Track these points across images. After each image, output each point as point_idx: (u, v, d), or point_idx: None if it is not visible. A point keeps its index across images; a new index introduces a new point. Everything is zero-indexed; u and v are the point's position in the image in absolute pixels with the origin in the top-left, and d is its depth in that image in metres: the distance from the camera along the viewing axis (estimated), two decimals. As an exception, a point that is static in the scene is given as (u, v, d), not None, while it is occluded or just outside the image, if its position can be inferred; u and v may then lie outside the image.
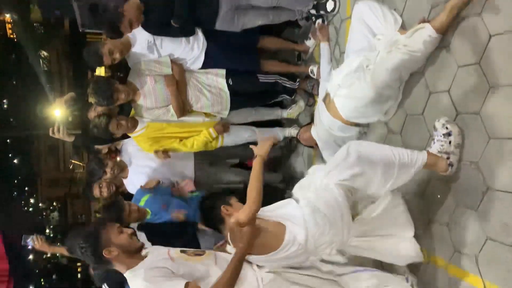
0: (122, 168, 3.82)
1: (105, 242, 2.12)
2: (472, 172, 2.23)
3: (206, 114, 3.81)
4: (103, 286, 3.16)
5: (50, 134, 3.66)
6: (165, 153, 3.79)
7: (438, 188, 2.45)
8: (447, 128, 2.28)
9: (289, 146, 4.40)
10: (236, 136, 3.96)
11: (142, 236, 3.23)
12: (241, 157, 4.40)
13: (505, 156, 2.05)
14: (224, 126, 3.82)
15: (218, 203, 2.36)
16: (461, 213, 2.31)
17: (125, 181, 3.91)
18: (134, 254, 2.17)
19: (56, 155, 29.08)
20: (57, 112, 3.86)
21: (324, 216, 2.24)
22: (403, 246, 2.42)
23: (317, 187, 2.36)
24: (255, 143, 3.89)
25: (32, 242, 3.75)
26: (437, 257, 2.49)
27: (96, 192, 3.73)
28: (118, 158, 3.94)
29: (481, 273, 2.18)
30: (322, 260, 2.36)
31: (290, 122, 4.33)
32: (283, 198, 4.16)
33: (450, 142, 2.28)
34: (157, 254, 2.19)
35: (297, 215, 2.28)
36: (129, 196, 3.86)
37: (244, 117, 4.06)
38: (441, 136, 2.30)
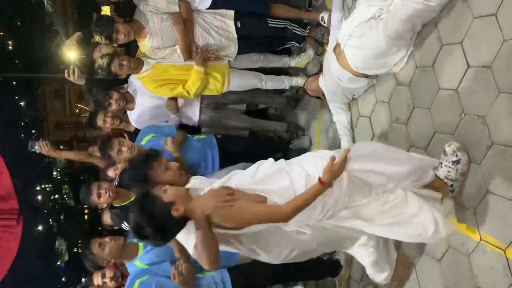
0: (128, 100, 3.79)
1: (154, 179, 2.18)
2: (478, 127, 2.22)
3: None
4: (122, 225, 3.26)
5: (66, 76, 3.65)
6: (176, 103, 3.79)
7: (443, 140, 2.45)
8: (457, 155, 2.27)
9: (295, 96, 4.38)
10: (243, 81, 3.94)
11: None
12: (247, 103, 4.39)
13: (513, 111, 2.04)
14: (200, 57, 3.55)
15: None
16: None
17: (130, 113, 3.91)
18: (183, 193, 2.12)
19: (62, 98, 29.13)
20: (71, 54, 3.83)
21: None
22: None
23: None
24: (260, 90, 3.85)
25: (39, 147, 3.80)
26: (437, 208, 2.54)
27: (100, 121, 3.74)
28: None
29: (478, 225, 2.24)
30: None
31: (297, 71, 4.28)
32: (286, 148, 4.25)
33: (457, 170, 2.28)
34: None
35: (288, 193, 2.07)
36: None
37: (251, 62, 4.02)
38: (449, 162, 2.29)
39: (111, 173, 3.65)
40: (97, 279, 3.18)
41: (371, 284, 3.04)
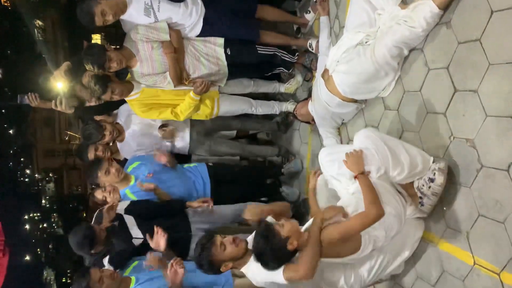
0: (120, 132, 3.81)
1: (218, 262, 2.38)
2: (467, 150, 2.24)
3: None
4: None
5: (53, 107, 3.65)
6: (171, 132, 3.83)
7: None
8: (434, 174, 2.34)
9: (285, 121, 4.39)
10: (233, 107, 3.95)
11: (130, 220, 3.22)
12: (237, 129, 4.40)
13: (500, 134, 2.05)
14: (202, 88, 3.56)
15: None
16: (455, 190, 2.33)
17: (119, 144, 3.90)
18: (243, 255, 2.41)
19: (52, 126, 28.98)
20: (59, 84, 3.82)
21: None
22: None
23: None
24: (250, 115, 3.92)
25: (28, 100, 3.66)
26: (430, 233, 2.53)
27: (91, 155, 3.74)
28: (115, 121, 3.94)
29: (471, 249, 2.23)
30: None
31: (287, 97, 4.31)
32: (278, 173, 4.25)
33: (429, 187, 2.36)
34: None
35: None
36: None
37: (242, 88, 4.04)
38: (427, 177, 2.38)
39: (99, 194, 3.62)
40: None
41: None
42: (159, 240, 2.87)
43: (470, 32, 2.22)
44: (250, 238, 2.43)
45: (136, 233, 3.15)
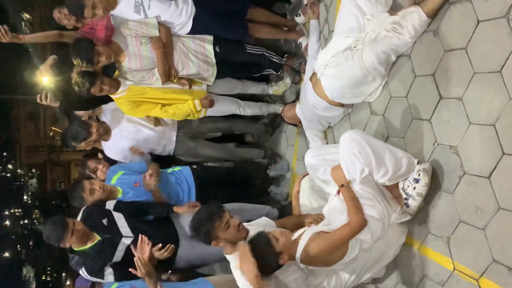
0: (106, 130, 3.75)
1: (214, 235, 2.45)
2: (451, 156, 2.27)
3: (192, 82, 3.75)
4: (81, 271, 3.16)
5: (38, 101, 3.61)
6: (157, 120, 3.79)
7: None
8: (419, 175, 2.37)
9: (272, 123, 4.40)
10: (221, 107, 3.94)
11: (120, 217, 3.18)
12: (224, 131, 4.38)
13: (483, 142, 2.08)
14: (210, 102, 3.75)
15: None
16: (437, 196, 2.36)
17: (105, 144, 3.85)
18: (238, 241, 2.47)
19: (36, 121, 28.60)
20: (45, 79, 3.76)
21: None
22: None
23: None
24: (238, 116, 3.91)
25: None
26: (411, 238, 2.55)
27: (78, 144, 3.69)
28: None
29: (451, 255, 2.25)
30: None
31: (275, 99, 4.32)
32: (264, 175, 4.24)
33: (414, 188, 2.38)
34: None
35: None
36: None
37: (230, 88, 4.03)
38: (412, 178, 2.41)
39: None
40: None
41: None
42: (144, 248, 2.86)
43: (457, 40, 2.26)
44: (251, 230, 2.48)
45: (125, 231, 3.12)
